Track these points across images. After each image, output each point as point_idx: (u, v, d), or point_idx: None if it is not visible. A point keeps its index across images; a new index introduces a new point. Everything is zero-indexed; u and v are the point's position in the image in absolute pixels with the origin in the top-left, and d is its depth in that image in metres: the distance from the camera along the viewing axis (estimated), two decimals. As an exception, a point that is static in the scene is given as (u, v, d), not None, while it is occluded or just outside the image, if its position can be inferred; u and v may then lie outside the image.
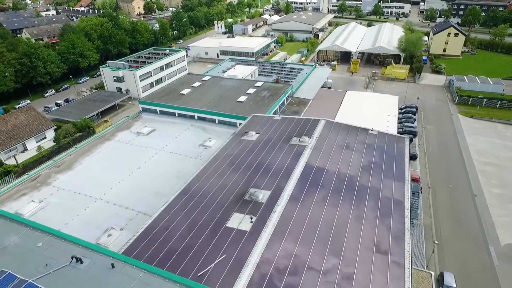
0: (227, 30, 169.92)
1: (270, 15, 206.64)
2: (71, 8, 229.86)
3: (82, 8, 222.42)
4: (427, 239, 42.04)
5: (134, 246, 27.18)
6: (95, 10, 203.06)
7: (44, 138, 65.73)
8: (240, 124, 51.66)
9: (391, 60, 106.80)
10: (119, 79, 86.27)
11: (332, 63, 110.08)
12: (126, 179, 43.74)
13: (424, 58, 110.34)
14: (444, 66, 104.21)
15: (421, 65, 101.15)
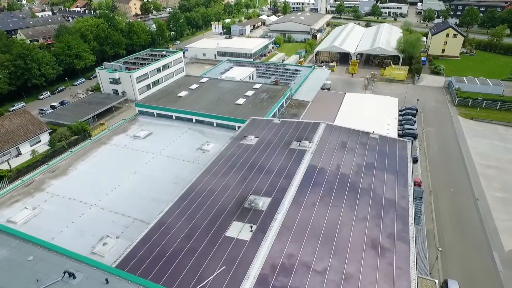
0: (225, 31, 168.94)
1: (268, 16, 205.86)
2: (67, 8, 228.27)
3: (78, 9, 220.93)
4: (429, 245, 41.29)
5: (130, 258, 26.15)
6: (92, 11, 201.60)
7: (39, 142, 64.47)
8: (238, 127, 50.67)
9: (390, 61, 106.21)
10: (115, 81, 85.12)
11: (331, 64, 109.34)
12: (122, 184, 42.70)
13: (423, 59, 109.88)
14: (443, 67, 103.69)
15: (420, 66, 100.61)
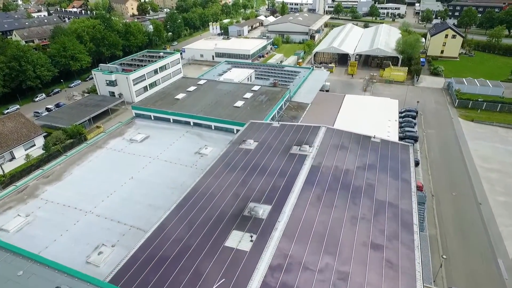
0: (222, 31, 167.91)
1: (266, 16, 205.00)
2: (63, 9, 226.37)
3: (75, 9, 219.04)
4: (433, 251, 40.45)
5: (125, 270, 25.11)
6: (88, 11, 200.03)
7: (33, 146, 63.08)
8: (237, 130, 49.72)
9: (389, 62, 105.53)
10: (111, 83, 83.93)
11: (330, 65, 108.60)
12: (118, 190, 41.65)
13: (422, 60, 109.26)
14: (443, 68, 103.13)
15: (419, 67, 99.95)
